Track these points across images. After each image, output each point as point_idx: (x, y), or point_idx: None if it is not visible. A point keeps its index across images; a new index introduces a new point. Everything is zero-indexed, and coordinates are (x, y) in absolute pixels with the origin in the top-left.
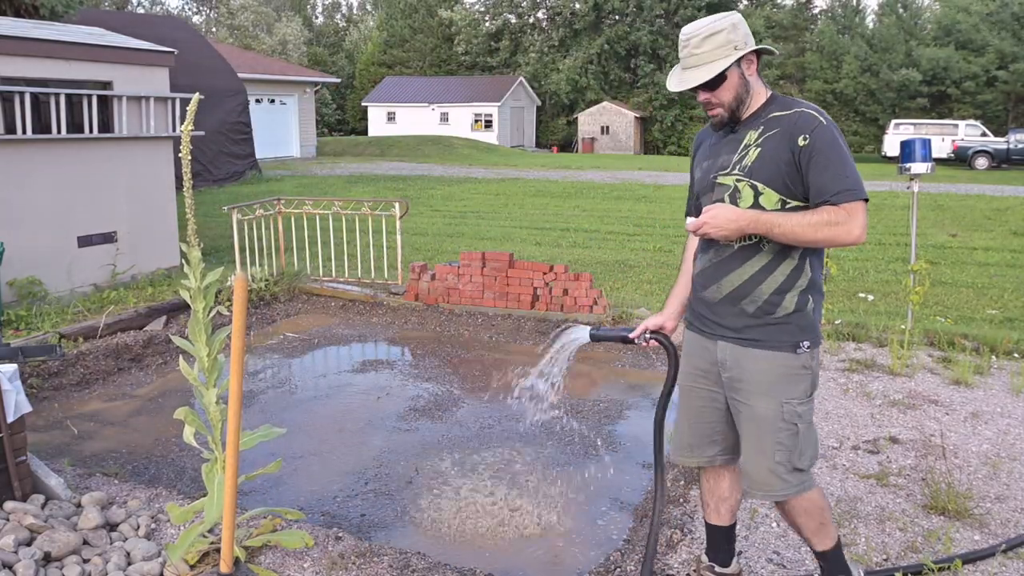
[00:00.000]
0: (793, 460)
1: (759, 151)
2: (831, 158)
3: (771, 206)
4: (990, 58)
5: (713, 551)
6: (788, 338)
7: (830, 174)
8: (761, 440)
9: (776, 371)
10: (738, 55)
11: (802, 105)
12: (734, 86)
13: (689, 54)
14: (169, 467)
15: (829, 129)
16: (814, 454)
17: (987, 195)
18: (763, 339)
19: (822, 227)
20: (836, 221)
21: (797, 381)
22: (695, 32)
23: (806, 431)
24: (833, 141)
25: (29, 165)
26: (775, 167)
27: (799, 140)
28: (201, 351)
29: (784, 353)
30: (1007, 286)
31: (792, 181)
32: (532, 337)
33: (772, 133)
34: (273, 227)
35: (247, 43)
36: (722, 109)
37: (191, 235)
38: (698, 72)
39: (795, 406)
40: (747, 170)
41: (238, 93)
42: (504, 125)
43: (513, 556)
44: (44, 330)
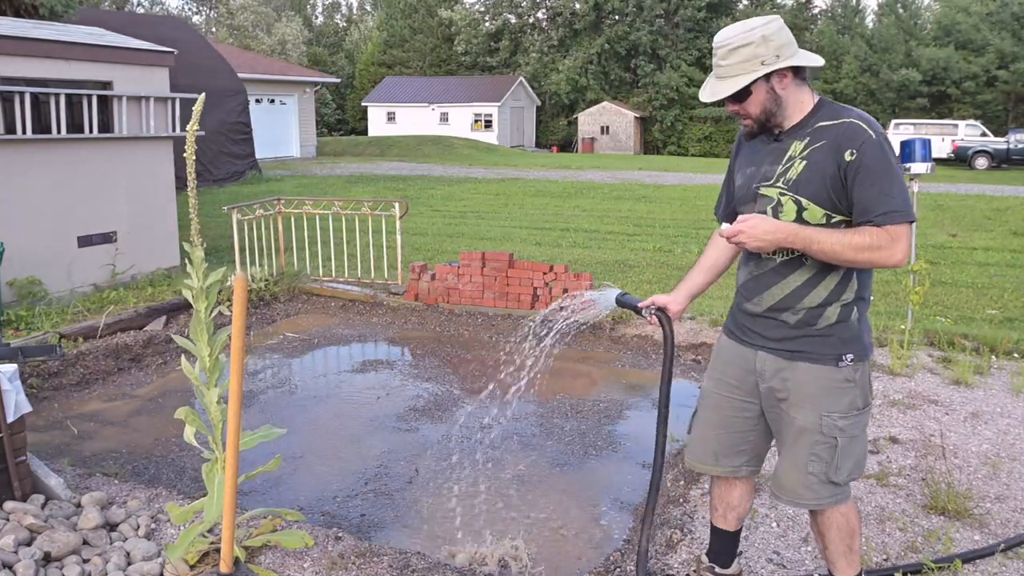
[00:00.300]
0: (829, 473)
1: (804, 164)
2: (877, 176)
3: (815, 221)
4: (990, 58)
5: (715, 553)
6: (830, 350)
7: (875, 193)
8: (797, 450)
9: (817, 383)
10: (764, 71)
11: (851, 114)
12: (760, 101)
13: (717, 64)
14: (169, 467)
15: (878, 143)
16: (855, 469)
17: (987, 195)
18: (804, 351)
19: (863, 250)
20: (878, 245)
21: (840, 394)
22: (723, 42)
23: (847, 445)
24: (881, 157)
25: (29, 165)
26: (820, 181)
27: (846, 154)
28: (203, 351)
29: (826, 366)
30: (1007, 286)
31: (838, 196)
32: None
33: (819, 145)
34: (273, 227)
35: (246, 43)
36: (751, 121)
37: (194, 235)
38: (723, 84)
39: (835, 420)
40: (791, 184)
41: (238, 93)
42: (504, 125)
43: (513, 556)
44: (44, 330)
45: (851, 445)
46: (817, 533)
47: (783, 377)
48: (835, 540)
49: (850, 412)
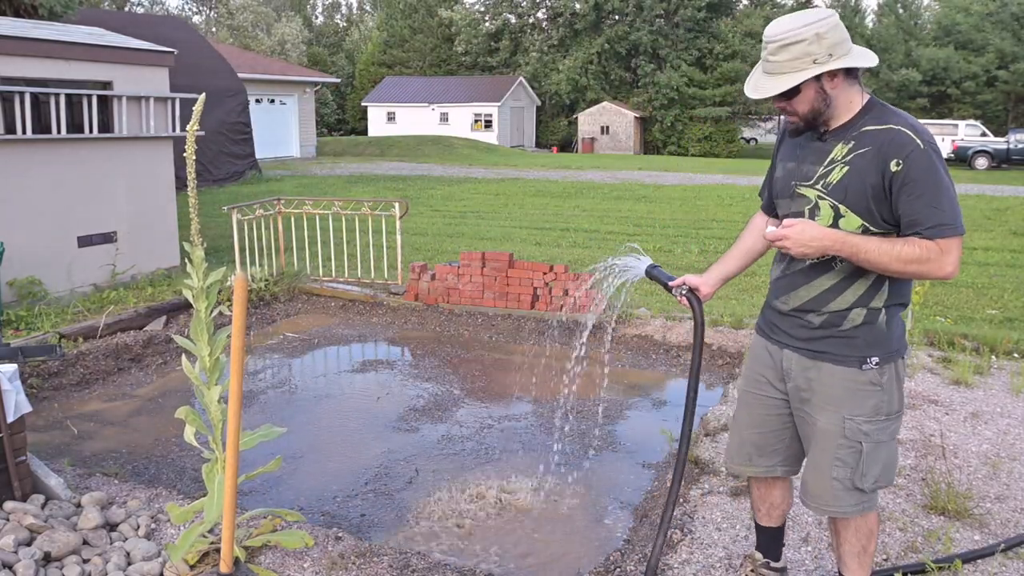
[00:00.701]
0: (855, 479)
1: (846, 170)
2: (927, 187)
3: (851, 230)
4: (990, 58)
5: (764, 548)
6: (854, 352)
7: (923, 205)
8: (821, 454)
9: (841, 385)
10: (816, 71)
11: (898, 120)
12: (809, 100)
13: (766, 59)
14: (169, 467)
15: (927, 153)
16: (883, 475)
17: (987, 195)
18: (828, 351)
19: (911, 262)
20: (927, 258)
21: (864, 397)
22: (775, 37)
23: (873, 450)
24: (930, 167)
25: (29, 165)
26: (861, 190)
27: (892, 164)
28: (203, 351)
29: (850, 368)
30: (1007, 286)
31: (879, 207)
32: (532, 337)
33: (863, 151)
34: (273, 227)
35: (246, 43)
36: (797, 118)
37: (194, 235)
38: (772, 81)
39: (860, 423)
40: (830, 188)
41: (238, 93)
42: (504, 125)
43: (513, 556)
44: (44, 330)
45: (877, 451)
46: (833, 531)
47: (808, 377)
48: (851, 540)
49: (875, 416)
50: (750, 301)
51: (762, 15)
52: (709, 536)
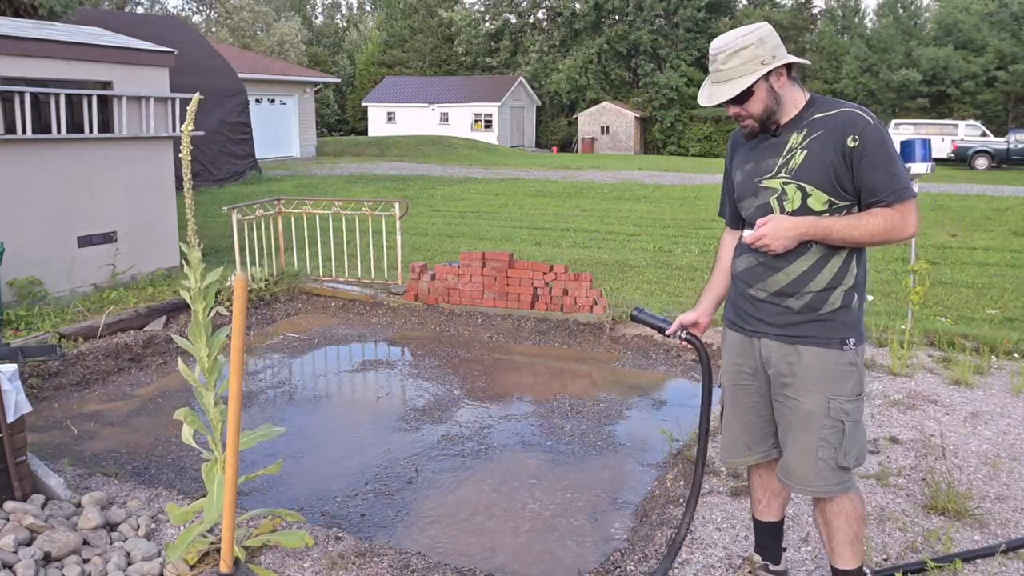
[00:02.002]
0: (838, 458)
1: (805, 153)
2: (881, 158)
3: (819, 207)
4: (990, 58)
5: (763, 549)
6: (834, 334)
7: (881, 174)
8: (806, 435)
9: (823, 367)
10: (765, 70)
11: (846, 105)
12: (763, 100)
13: (716, 69)
14: (169, 467)
15: (877, 128)
16: (860, 454)
17: (987, 195)
18: (810, 335)
19: (879, 232)
20: (891, 225)
21: (844, 377)
22: (723, 48)
23: (852, 429)
24: (882, 140)
25: (29, 165)
26: (823, 168)
27: (848, 140)
28: (201, 351)
29: (831, 350)
30: (1007, 286)
31: (841, 181)
32: (532, 337)
33: (817, 135)
34: (273, 227)
35: (245, 43)
36: (752, 121)
37: (191, 235)
38: (725, 88)
39: (842, 403)
40: (794, 172)
41: (238, 93)
42: (504, 125)
43: (513, 556)
44: (44, 330)
45: (855, 429)
46: (823, 522)
47: (789, 362)
48: (843, 528)
49: (853, 395)
50: None
51: (762, 15)
52: (709, 536)
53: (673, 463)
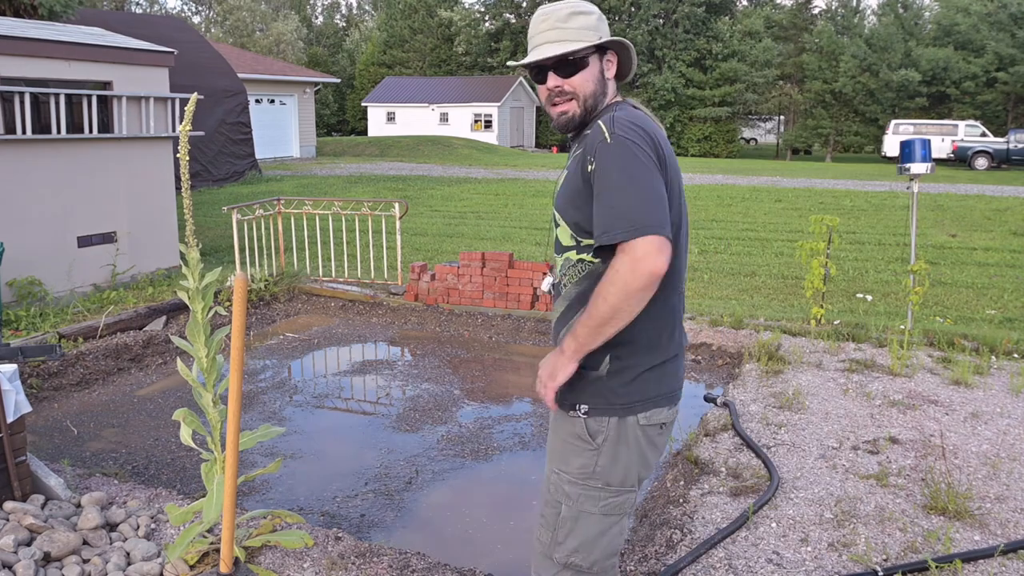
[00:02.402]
0: (550, 547)
1: (564, 176)
2: (602, 185)
3: (566, 241)
4: (989, 59)
5: None
6: (567, 397)
7: (600, 206)
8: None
9: (555, 433)
10: (602, 42)
11: (603, 114)
12: (594, 78)
13: (553, 26)
14: (169, 467)
15: (611, 146)
16: (580, 551)
17: (987, 195)
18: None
19: (606, 302)
20: (613, 282)
21: (571, 451)
22: (559, 7)
23: (573, 517)
24: (615, 160)
25: (29, 165)
26: (569, 196)
27: (588, 166)
28: (200, 351)
29: (565, 413)
30: (1007, 286)
31: (584, 212)
32: (532, 337)
33: (576, 154)
34: (273, 227)
35: (241, 42)
36: (576, 103)
37: (189, 236)
38: (559, 46)
39: (563, 481)
40: (556, 197)
41: (238, 93)
42: (504, 125)
43: (513, 556)
44: (44, 330)
45: (580, 520)
46: None
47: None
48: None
49: (579, 477)
50: (750, 301)
51: (762, 15)
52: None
53: (673, 463)
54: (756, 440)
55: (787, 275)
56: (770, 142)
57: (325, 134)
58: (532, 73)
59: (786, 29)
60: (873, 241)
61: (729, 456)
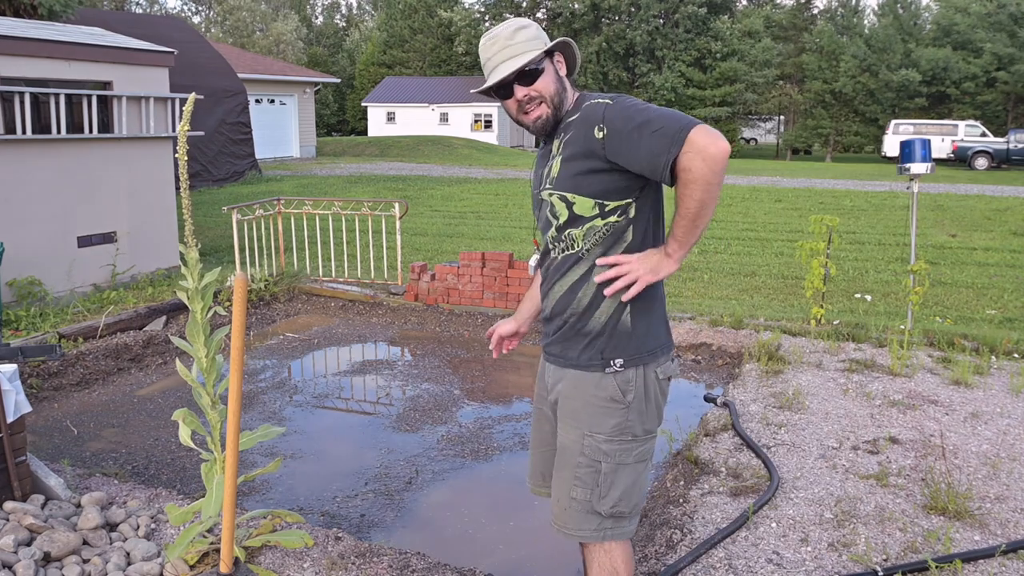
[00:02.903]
0: (592, 501)
1: (560, 159)
2: (637, 122)
3: (588, 212)
4: (989, 59)
5: None
6: (595, 356)
7: (647, 143)
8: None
9: (582, 397)
10: (547, 47)
11: (590, 98)
12: (552, 80)
13: (504, 46)
14: (169, 467)
15: (618, 104)
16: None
17: (987, 195)
18: (571, 357)
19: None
20: (692, 179)
21: (604, 413)
22: (503, 29)
23: (613, 472)
24: (627, 108)
25: (29, 165)
26: (578, 172)
27: (595, 133)
28: (199, 352)
29: (592, 373)
30: (1007, 286)
31: (604, 183)
32: (532, 337)
33: (568, 138)
34: (273, 227)
35: (241, 42)
36: (546, 105)
37: (188, 236)
38: (514, 61)
39: (599, 441)
40: (555, 182)
41: (238, 93)
42: (504, 125)
43: (513, 555)
44: (44, 330)
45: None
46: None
47: (558, 389)
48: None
49: (615, 435)
50: (750, 301)
51: (762, 15)
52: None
53: (673, 463)
54: (756, 440)
55: (787, 275)
56: (770, 142)
57: (325, 134)
58: (498, 93)
59: (786, 29)
60: (873, 241)
61: (729, 456)
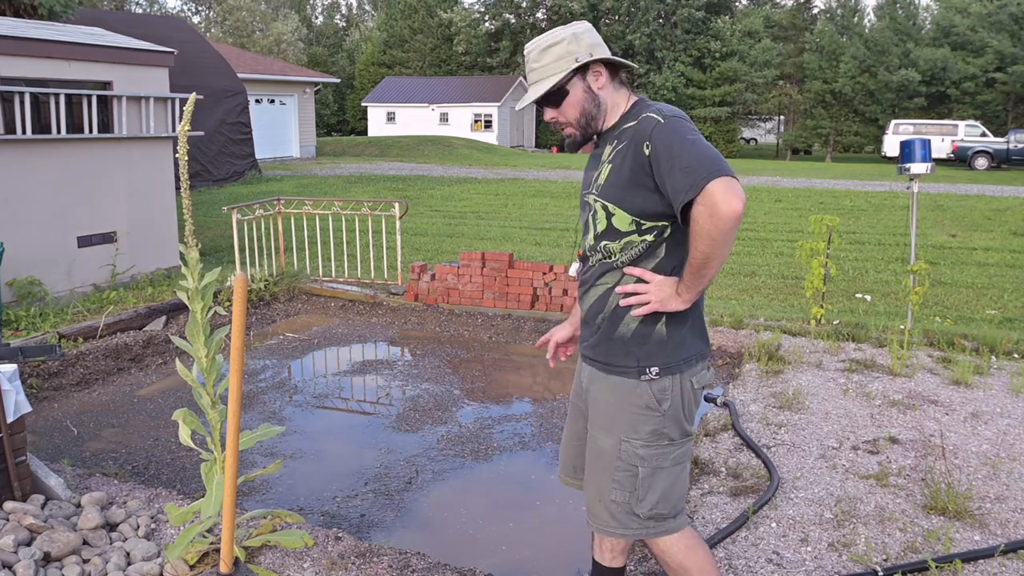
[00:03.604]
0: (632, 503)
1: (609, 168)
2: (674, 154)
3: (625, 228)
4: (989, 59)
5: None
6: (630, 361)
7: (678, 173)
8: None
9: (618, 402)
10: (576, 66)
11: (649, 108)
12: (579, 102)
13: (531, 68)
14: (169, 467)
15: (667, 125)
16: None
17: (987, 195)
18: (605, 361)
19: (705, 242)
20: (704, 231)
21: (640, 419)
22: (534, 46)
23: (650, 475)
24: (672, 135)
25: (29, 165)
26: (622, 184)
27: (644, 150)
28: (199, 351)
29: (627, 379)
30: (1007, 286)
31: (645, 199)
32: (532, 337)
33: (621, 147)
34: (273, 227)
35: (241, 42)
36: (572, 128)
37: (188, 236)
38: (538, 86)
39: (636, 447)
40: (600, 189)
41: (238, 93)
42: (504, 125)
43: (513, 555)
44: (44, 330)
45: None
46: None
47: (592, 391)
48: (674, 568)
49: (652, 440)
50: (750, 301)
51: (762, 15)
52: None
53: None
54: (756, 440)
55: (787, 275)
56: (770, 142)
57: (325, 134)
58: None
59: (786, 29)
60: (873, 241)
61: (729, 456)
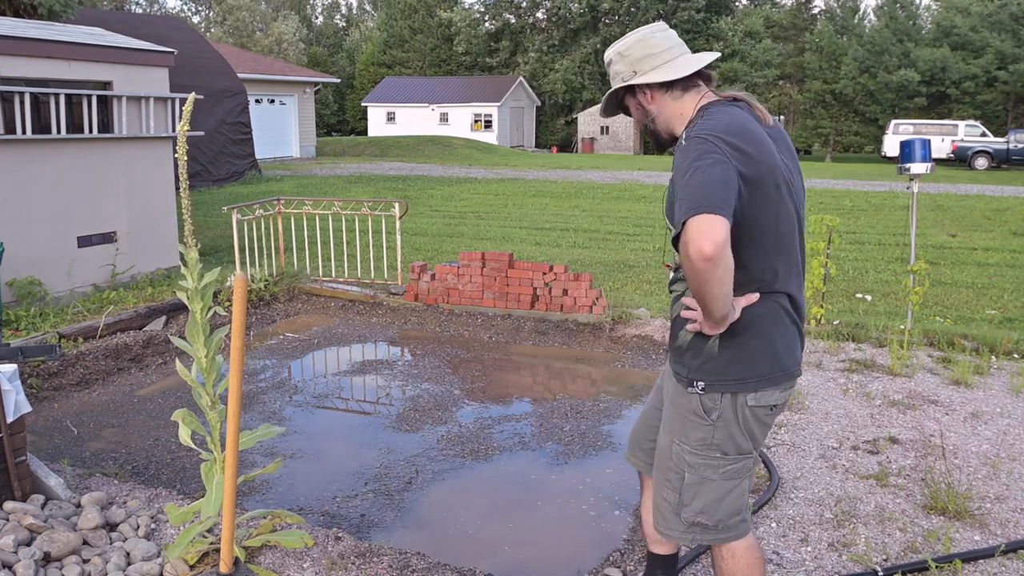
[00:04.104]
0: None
1: (668, 185)
2: (680, 179)
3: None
4: (989, 59)
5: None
6: (683, 372)
7: (679, 200)
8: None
9: (674, 405)
10: (621, 86)
11: (704, 113)
12: (637, 116)
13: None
14: (169, 467)
15: (685, 147)
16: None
17: (987, 195)
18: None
19: (691, 279)
20: (686, 264)
21: (690, 425)
22: (606, 56)
23: (697, 482)
24: (684, 158)
25: (29, 165)
26: (671, 201)
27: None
28: (199, 351)
29: (681, 387)
30: (1007, 286)
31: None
32: (532, 337)
33: (676, 157)
34: (273, 227)
35: (242, 42)
36: (650, 134)
37: (188, 236)
38: (604, 99)
39: (685, 452)
40: (665, 198)
41: (238, 93)
42: (504, 125)
43: (513, 555)
44: (44, 330)
45: (704, 485)
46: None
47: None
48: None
49: (700, 448)
50: None
51: (762, 15)
52: None
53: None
54: None
55: None
56: None
57: (325, 134)
58: None
59: (786, 29)
60: (873, 241)
61: None
